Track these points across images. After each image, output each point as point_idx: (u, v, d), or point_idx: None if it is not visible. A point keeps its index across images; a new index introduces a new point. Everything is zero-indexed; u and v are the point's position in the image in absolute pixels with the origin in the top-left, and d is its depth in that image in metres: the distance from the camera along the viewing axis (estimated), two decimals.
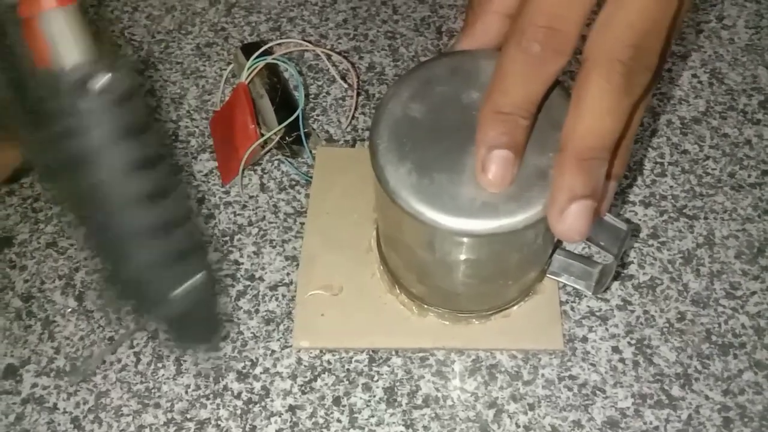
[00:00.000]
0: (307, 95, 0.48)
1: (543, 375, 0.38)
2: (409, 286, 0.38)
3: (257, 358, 0.38)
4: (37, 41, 0.28)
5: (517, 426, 0.36)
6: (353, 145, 0.46)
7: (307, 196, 0.44)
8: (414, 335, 0.38)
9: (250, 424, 0.36)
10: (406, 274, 0.37)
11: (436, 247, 0.31)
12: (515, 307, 0.38)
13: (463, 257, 0.31)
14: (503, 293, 0.37)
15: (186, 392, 0.37)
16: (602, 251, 0.33)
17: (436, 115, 0.30)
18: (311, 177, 0.43)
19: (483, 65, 0.31)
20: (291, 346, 0.38)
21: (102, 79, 0.31)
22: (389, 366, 0.38)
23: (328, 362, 0.38)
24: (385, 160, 0.29)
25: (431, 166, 0.29)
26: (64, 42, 0.29)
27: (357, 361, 0.38)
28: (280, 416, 0.36)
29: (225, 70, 0.49)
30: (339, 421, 0.36)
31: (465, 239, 0.29)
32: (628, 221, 0.40)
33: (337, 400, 0.37)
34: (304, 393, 0.37)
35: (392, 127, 0.30)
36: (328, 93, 0.49)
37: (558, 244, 0.39)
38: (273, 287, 0.40)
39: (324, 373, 0.38)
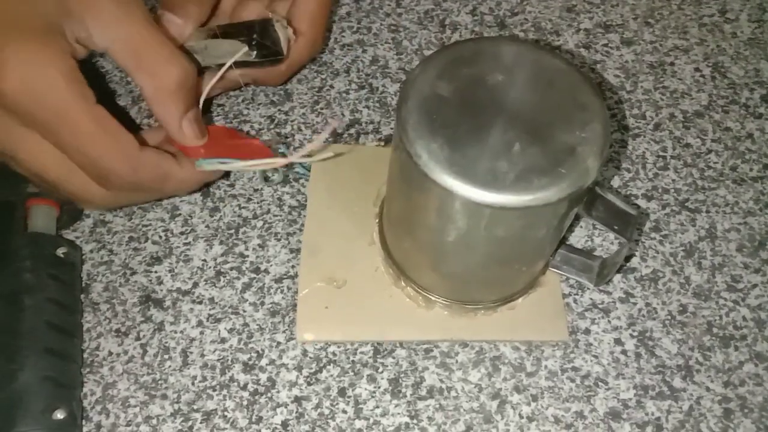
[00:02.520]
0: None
1: (546, 366, 0.38)
2: (417, 278, 0.38)
3: (263, 350, 0.38)
4: None
5: (521, 417, 0.37)
6: (357, 139, 0.46)
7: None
8: (420, 327, 0.38)
9: (256, 415, 0.37)
10: (418, 263, 0.37)
11: (465, 223, 0.31)
12: (520, 300, 0.39)
13: (491, 233, 0.31)
14: (513, 281, 0.38)
15: (192, 383, 0.37)
16: (616, 236, 0.33)
17: (462, 94, 0.31)
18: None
19: (506, 50, 0.32)
20: (296, 338, 0.39)
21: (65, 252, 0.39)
22: (394, 357, 0.38)
23: (333, 354, 0.38)
24: (415, 135, 0.29)
25: (462, 141, 0.29)
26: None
27: (362, 352, 0.38)
28: (286, 407, 0.37)
29: None
30: (344, 411, 0.37)
31: (499, 212, 0.29)
32: (637, 207, 0.40)
33: (342, 391, 0.37)
34: (309, 384, 0.38)
35: (421, 103, 0.30)
36: (332, 86, 0.49)
37: (566, 236, 0.39)
38: (278, 279, 0.41)
39: (329, 365, 0.38)
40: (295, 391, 0.37)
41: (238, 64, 0.39)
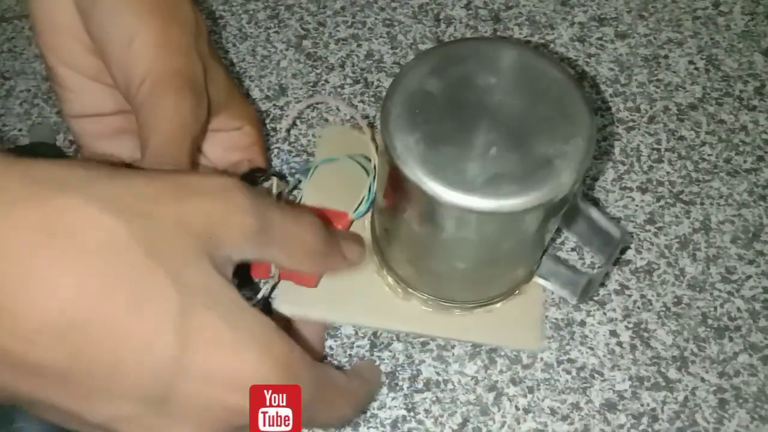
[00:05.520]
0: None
1: (542, 359, 0.38)
2: (397, 268, 0.38)
3: None
4: None
5: (517, 409, 0.37)
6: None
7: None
8: (395, 317, 0.38)
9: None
10: (398, 254, 0.37)
11: (433, 220, 0.31)
12: (499, 304, 0.38)
13: (460, 234, 0.31)
14: (490, 285, 0.37)
15: None
16: (594, 254, 0.33)
17: (451, 93, 0.31)
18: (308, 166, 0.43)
19: (504, 53, 0.32)
20: None
21: None
22: (390, 351, 0.38)
23: (330, 347, 0.38)
24: (395, 127, 0.30)
25: (440, 139, 0.29)
26: None
27: (359, 346, 0.39)
28: None
29: None
30: None
31: (463, 214, 0.29)
32: (624, 230, 0.38)
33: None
34: None
35: (407, 97, 0.30)
36: (327, 81, 0.49)
37: (548, 248, 0.39)
38: None
39: (325, 358, 0.38)
40: None
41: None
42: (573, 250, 0.41)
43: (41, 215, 0.21)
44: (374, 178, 0.37)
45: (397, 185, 0.31)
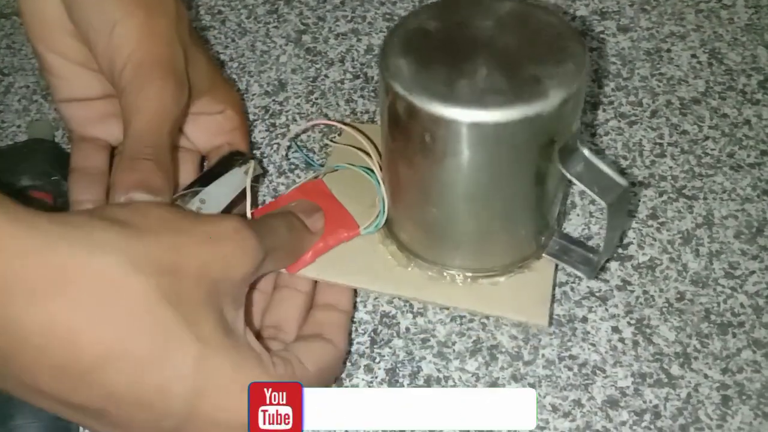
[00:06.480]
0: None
1: (543, 355, 0.38)
2: (400, 232, 0.38)
3: None
4: None
5: None
6: None
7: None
8: (396, 283, 0.38)
9: None
10: (399, 213, 0.38)
11: (425, 143, 0.32)
12: (504, 278, 0.38)
13: (451, 160, 0.32)
14: (493, 247, 0.37)
15: None
16: (596, 198, 0.32)
17: (448, 32, 0.33)
18: (320, 162, 0.43)
19: (504, 4, 0.34)
20: None
21: None
22: (391, 347, 0.38)
23: None
24: (390, 53, 0.32)
25: (432, 62, 0.31)
26: None
27: (359, 342, 0.38)
28: None
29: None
30: None
31: (451, 127, 0.30)
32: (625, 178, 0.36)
33: (339, 382, 0.37)
34: None
35: (405, 34, 0.33)
36: (326, 76, 0.49)
37: (558, 228, 0.39)
38: None
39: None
40: None
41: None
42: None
43: (79, 276, 0.24)
44: (383, 200, 0.38)
45: (392, 112, 0.32)
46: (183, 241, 0.27)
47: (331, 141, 0.42)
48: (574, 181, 0.32)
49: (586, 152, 0.32)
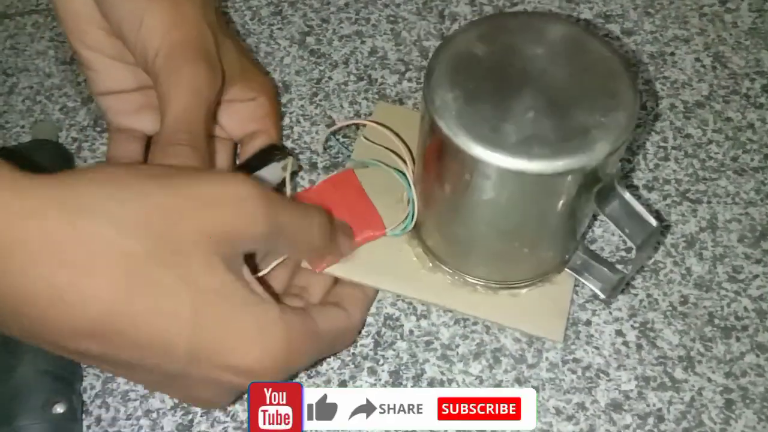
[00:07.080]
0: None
1: (547, 358, 0.38)
2: (427, 238, 0.38)
3: None
4: None
5: None
6: (356, 129, 0.46)
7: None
8: (419, 287, 0.38)
9: None
10: (427, 221, 0.37)
11: (464, 177, 0.31)
12: (525, 290, 0.38)
13: (487, 195, 0.32)
14: (516, 264, 0.37)
15: None
16: (625, 240, 0.32)
17: (496, 58, 0.32)
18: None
19: (553, 27, 0.33)
20: None
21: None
22: (394, 350, 0.38)
23: None
24: (436, 83, 0.31)
25: (479, 98, 0.30)
26: None
27: (362, 345, 0.38)
28: None
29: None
30: None
31: (492, 171, 0.30)
32: (660, 220, 0.36)
33: (343, 384, 0.37)
34: (310, 377, 0.37)
35: (452, 57, 0.32)
36: (330, 78, 0.49)
37: (582, 240, 0.39)
38: None
39: (330, 357, 0.38)
40: None
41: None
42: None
43: (70, 240, 0.25)
44: (413, 202, 0.37)
45: (433, 142, 0.31)
46: (181, 203, 0.27)
47: (365, 138, 0.41)
48: (607, 220, 0.31)
49: (625, 195, 0.31)
